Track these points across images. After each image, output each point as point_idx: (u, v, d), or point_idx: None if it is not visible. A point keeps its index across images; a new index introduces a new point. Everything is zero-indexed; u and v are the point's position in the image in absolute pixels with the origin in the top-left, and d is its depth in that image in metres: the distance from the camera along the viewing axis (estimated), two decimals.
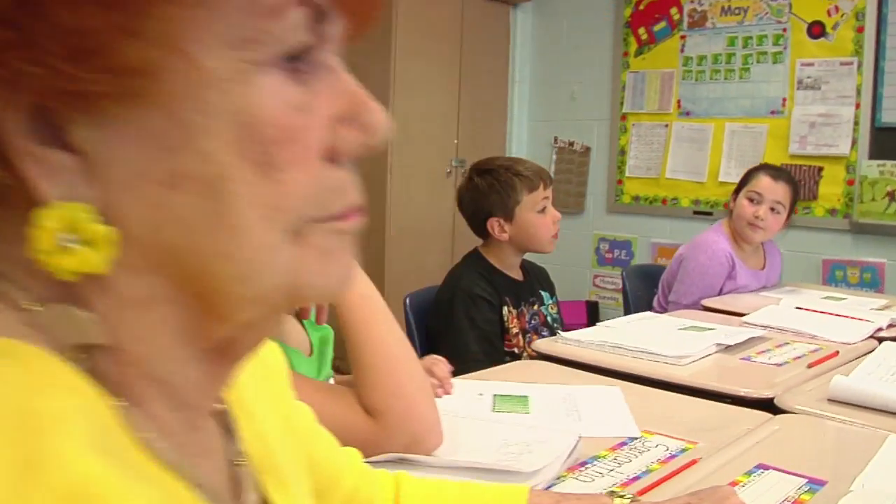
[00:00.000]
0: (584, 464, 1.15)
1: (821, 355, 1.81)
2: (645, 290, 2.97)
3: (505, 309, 2.21)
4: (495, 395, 1.47)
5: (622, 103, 4.76)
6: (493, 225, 2.25)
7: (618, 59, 4.77)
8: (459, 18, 4.75)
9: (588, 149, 4.94)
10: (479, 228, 2.31)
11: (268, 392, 0.62)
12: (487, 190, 2.24)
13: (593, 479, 1.09)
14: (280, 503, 0.54)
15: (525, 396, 1.46)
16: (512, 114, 5.18)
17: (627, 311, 2.86)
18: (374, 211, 4.55)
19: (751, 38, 4.23)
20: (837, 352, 1.85)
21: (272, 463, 0.56)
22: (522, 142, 5.23)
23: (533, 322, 2.28)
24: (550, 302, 2.40)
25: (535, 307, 2.32)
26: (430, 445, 1.12)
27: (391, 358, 1.14)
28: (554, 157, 5.01)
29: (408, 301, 2.28)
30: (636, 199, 4.74)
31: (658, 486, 1.07)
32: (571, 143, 4.96)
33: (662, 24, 4.57)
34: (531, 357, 1.95)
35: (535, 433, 1.18)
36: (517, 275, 2.34)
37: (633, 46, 4.69)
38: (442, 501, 0.86)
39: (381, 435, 1.10)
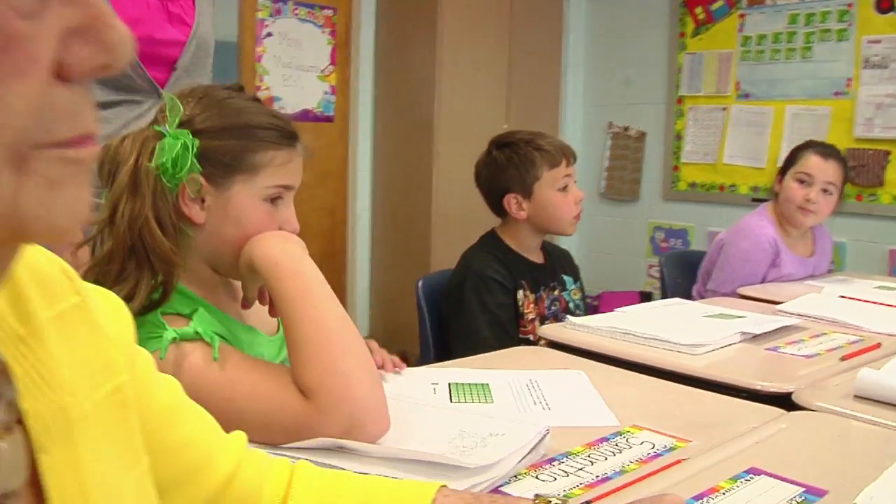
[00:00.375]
0: (552, 460, 1.00)
1: (859, 347, 1.62)
2: (684, 278, 2.78)
3: (520, 293, 2.06)
4: (451, 383, 1.33)
5: (678, 86, 4.56)
6: (511, 202, 2.11)
7: (674, 39, 4.56)
8: (509, 1, 4.60)
9: (643, 134, 4.75)
10: (496, 206, 2.17)
11: (87, 347, 0.54)
12: (505, 164, 2.11)
13: (555, 479, 0.95)
14: (57, 457, 0.48)
15: (485, 384, 1.32)
16: (565, 98, 5.01)
17: None
18: (420, 197, 4.45)
19: (814, 14, 3.99)
20: (879, 344, 1.65)
21: (56, 415, 0.49)
22: (576, 127, 5.06)
23: (553, 308, 2.12)
24: (574, 287, 2.23)
25: (556, 292, 2.17)
26: (372, 431, 1.00)
27: (325, 332, 1.04)
28: (609, 142, 4.84)
29: (420, 285, 2.15)
30: (692, 185, 4.53)
31: (624, 489, 0.92)
32: (626, 128, 4.78)
33: (720, 3, 4.35)
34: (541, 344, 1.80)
35: (496, 424, 1.04)
36: (537, 257, 2.19)
37: (690, 26, 4.48)
38: (337, 495, 0.76)
39: (315, 417, 0.99)
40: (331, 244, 4.89)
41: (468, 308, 2.01)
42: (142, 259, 1.10)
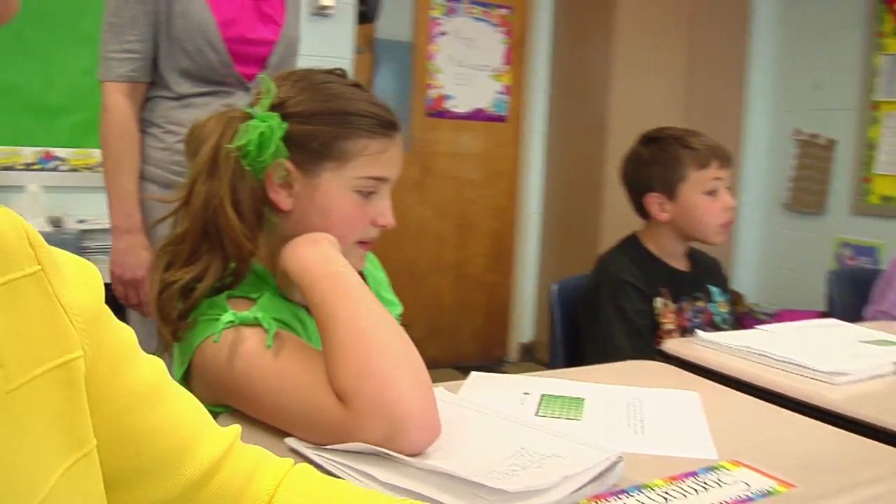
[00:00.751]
0: (621, 492, 0.88)
1: None
2: (856, 298, 2.51)
3: (658, 301, 1.91)
4: (543, 395, 1.21)
5: (873, 90, 4.18)
6: (652, 202, 1.97)
7: (870, 39, 4.19)
8: None
9: (833, 142, 4.40)
10: (638, 205, 2.04)
11: (35, 319, 0.52)
12: (649, 160, 1.98)
13: None
14: None
15: (580, 399, 1.20)
16: (748, 102, 4.73)
17: None
18: (591, 199, 4.32)
19: None
20: None
21: None
22: (760, 134, 4.77)
23: (696, 320, 1.96)
24: (721, 300, 2.05)
25: (700, 303, 1.99)
26: (417, 438, 0.91)
27: (358, 333, 0.96)
28: (794, 150, 4.52)
29: (555, 289, 2.03)
30: (886, 199, 4.15)
31: None
32: (814, 136, 4.44)
33: None
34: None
35: (563, 445, 0.93)
36: (680, 264, 2.03)
37: (889, 25, 4.10)
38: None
39: (352, 422, 0.91)
40: (498, 245, 4.84)
41: (604, 314, 1.89)
42: (214, 242, 1.08)
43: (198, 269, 1.07)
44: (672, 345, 1.56)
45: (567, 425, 1.09)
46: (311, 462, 0.90)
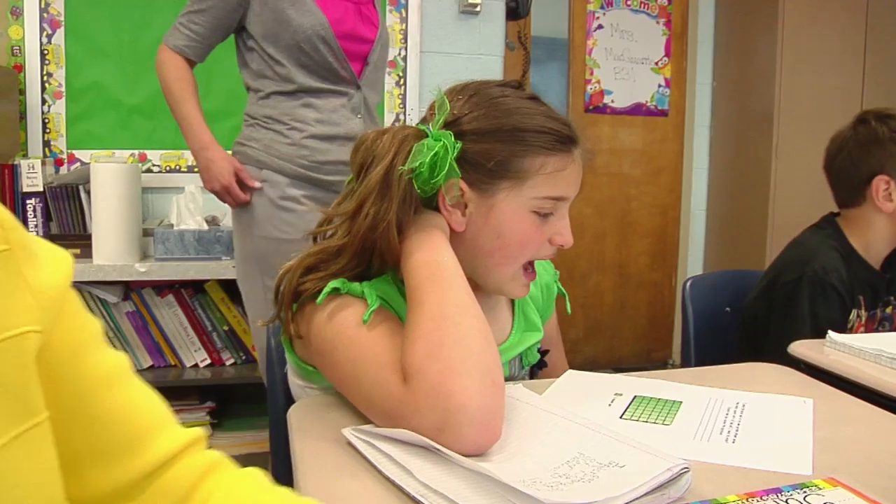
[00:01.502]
0: None
1: None
2: None
3: (854, 313, 1.71)
4: (636, 396, 1.13)
5: None
6: (878, 186, 1.73)
7: None
8: None
9: None
10: (853, 190, 1.79)
11: None
12: (885, 138, 1.73)
13: None
14: None
15: (676, 402, 1.12)
16: None
17: None
18: (757, 197, 4.11)
19: None
20: None
21: None
22: None
23: (881, 329, 1.77)
24: None
25: (890, 310, 1.78)
26: (470, 437, 0.87)
27: (439, 317, 0.95)
28: None
29: (688, 285, 1.93)
30: None
31: None
32: None
33: None
34: None
35: (623, 451, 0.86)
36: (878, 265, 1.80)
37: None
38: None
39: (408, 403, 0.90)
40: (661, 244, 4.68)
41: (797, 313, 1.68)
42: (366, 257, 1.09)
43: (337, 279, 1.08)
44: (798, 347, 1.43)
45: (652, 430, 1.02)
46: (356, 449, 0.90)
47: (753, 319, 1.81)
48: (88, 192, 2.77)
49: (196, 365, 2.96)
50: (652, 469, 0.80)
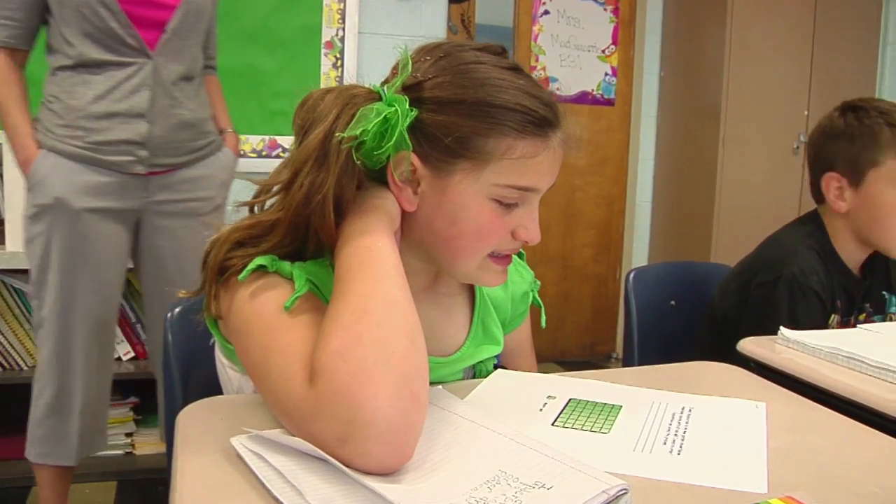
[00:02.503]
0: None
1: None
2: None
3: (833, 318, 1.60)
4: (572, 399, 1.02)
5: None
6: (829, 184, 1.64)
7: None
8: None
9: None
10: (812, 186, 1.70)
11: None
12: (839, 132, 1.63)
13: None
14: None
15: (615, 406, 1.00)
16: (882, 83, 4.33)
17: None
18: (704, 189, 4.04)
19: None
20: None
21: None
22: None
23: None
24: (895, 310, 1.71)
25: (864, 317, 1.67)
26: (372, 454, 0.74)
27: (360, 311, 0.80)
28: None
29: (631, 277, 1.82)
30: None
31: None
32: None
33: None
34: None
35: (551, 470, 0.74)
36: (856, 269, 1.69)
37: None
38: None
39: (309, 406, 0.77)
40: (606, 235, 4.61)
41: (774, 316, 1.54)
42: (300, 235, 0.95)
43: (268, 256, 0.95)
44: (748, 344, 1.33)
45: (587, 440, 0.90)
46: (244, 461, 0.77)
47: (723, 319, 1.69)
48: (2, 177, 2.60)
49: (119, 358, 2.81)
50: (584, 491, 0.68)
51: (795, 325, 1.46)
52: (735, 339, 1.56)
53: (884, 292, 1.71)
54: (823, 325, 1.58)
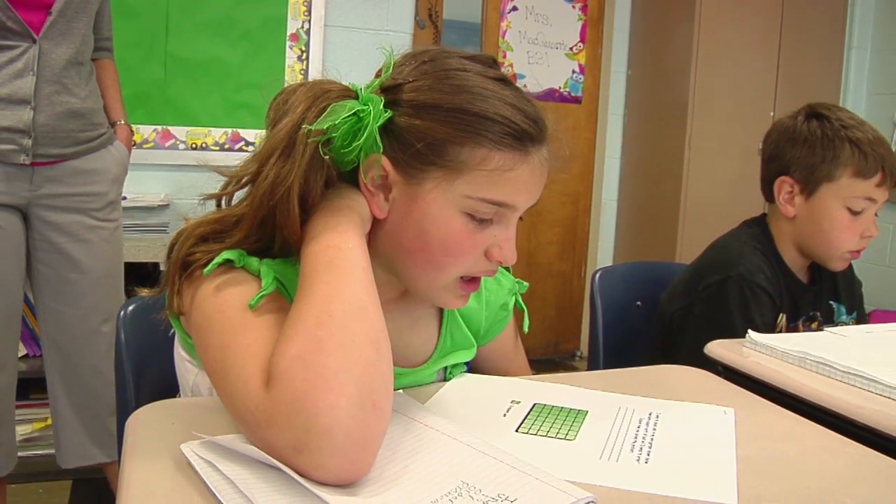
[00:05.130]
0: None
1: None
2: None
3: (781, 317, 1.59)
4: (536, 404, 0.99)
5: None
6: (781, 187, 1.63)
7: None
8: None
9: None
10: (767, 185, 1.69)
11: None
12: (800, 137, 1.61)
13: None
14: None
15: (581, 412, 0.98)
16: (847, 85, 4.36)
17: None
18: (669, 187, 4.05)
19: None
20: None
21: None
22: None
23: None
24: (846, 319, 1.70)
25: (815, 325, 1.65)
26: (329, 466, 0.70)
27: (323, 315, 0.77)
28: (895, 137, 4.14)
29: (597, 277, 1.79)
30: None
31: None
32: None
33: None
34: None
35: (515, 481, 0.71)
36: (802, 275, 1.69)
37: None
38: None
39: (264, 412, 0.73)
40: (571, 233, 4.60)
41: (723, 317, 1.54)
42: (267, 231, 0.91)
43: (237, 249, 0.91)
44: (716, 347, 1.31)
45: (552, 447, 0.87)
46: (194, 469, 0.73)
47: (669, 322, 1.67)
48: None
49: None
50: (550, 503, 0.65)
51: (751, 324, 1.47)
52: (682, 342, 1.55)
53: (831, 302, 1.71)
54: (774, 324, 1.58)
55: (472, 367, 1.20)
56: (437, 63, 0.94)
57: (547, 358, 4.59)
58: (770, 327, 1.56)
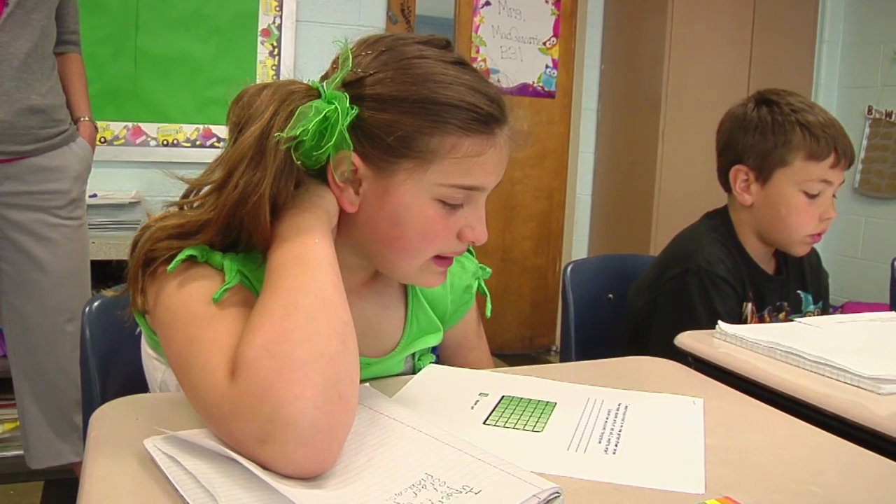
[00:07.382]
0: None
1: None
2: None
3: (747, 307, 1.59)
4: (504, 396, 0.99)
5: None
6: (737, 176, 1.63)
7: None
8: None
9: None
10: (723, 174, 1.69)
11: None
12: (752, 125, 1.60)
13: None
14: None
15: (549, 403, 0.97)
16: (818, 79, 4.39)
17: None
18: (643, 181, 4.05)
19: None
20: None
21: None
22: (829, 111, 4.41)
23: None
24: (813, 308, 1.70)
25: (782, 315, 1.65)
26: (293, 458, 0.70)
27: (289, 306, 0.77)
28: (867, 130, 4.17)
29: (569, 270, 1.79)
30: None
31: None
32: (889, 114, 4.09)
33: None
34: None
35: (481, 473, 0.70)
36: (767, 264, 1.69)
37: None
38: None
39: (229, 402, 0.73)
40: (546, 228, 4.60)
41: (686, 309, 1.55)
42: (231, 234, 0.90)
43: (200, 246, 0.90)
44: (686, 338, 1.31)
45: (520, 439, 0.87)
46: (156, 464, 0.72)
47: (636, 317, 1.68)
48: None
49: None
50: (514, 495, 0.65)
51: (715, 315, 1.48)
52: (649, 336, 1.56)
53: (799, 291, 1.71)
54: (738, 312, 1.58)
55: (438, 355, 1.20)
56: (396, 52, 0.93)
57: (522, 353, 4.59)
58: (735, 316, 1.56)
